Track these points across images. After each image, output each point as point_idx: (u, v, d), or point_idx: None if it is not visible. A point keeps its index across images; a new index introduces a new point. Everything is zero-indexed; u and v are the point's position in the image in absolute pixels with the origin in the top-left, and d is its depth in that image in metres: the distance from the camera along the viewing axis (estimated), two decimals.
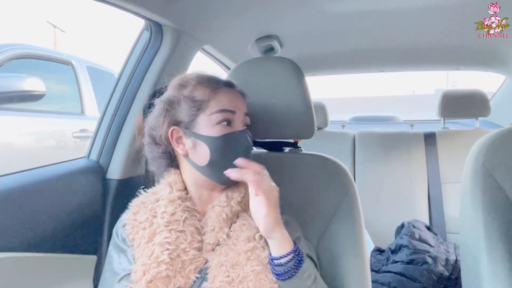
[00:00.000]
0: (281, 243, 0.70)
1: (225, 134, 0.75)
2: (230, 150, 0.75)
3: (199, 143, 0.76)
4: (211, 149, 0.75)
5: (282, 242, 0.70)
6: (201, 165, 0.76)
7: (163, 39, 1.16)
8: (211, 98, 0.77)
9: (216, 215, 0.76)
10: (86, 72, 2.95)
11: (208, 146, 0.75)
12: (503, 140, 0.85)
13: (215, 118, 0.75)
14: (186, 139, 0.77)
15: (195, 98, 0.77)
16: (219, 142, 0.75)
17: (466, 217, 0.86)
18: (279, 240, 0.70)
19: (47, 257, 0.91)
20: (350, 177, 0.99)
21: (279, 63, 1.00)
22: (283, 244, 0.70)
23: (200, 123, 0.76)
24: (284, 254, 0.69)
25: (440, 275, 1.51)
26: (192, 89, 0.78)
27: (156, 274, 0.69)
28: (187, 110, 0.77)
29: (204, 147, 0.75)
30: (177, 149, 0.79)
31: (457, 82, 16.12)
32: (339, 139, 2.35)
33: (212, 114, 0.75)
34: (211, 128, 0.75)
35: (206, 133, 0.75)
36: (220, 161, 0.75)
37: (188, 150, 0.78)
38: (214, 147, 0.75)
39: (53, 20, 11.28)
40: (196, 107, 0.76)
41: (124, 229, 0.78)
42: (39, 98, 2.29)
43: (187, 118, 0.77)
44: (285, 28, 1.52)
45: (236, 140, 0.76)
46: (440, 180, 2.02)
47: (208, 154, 0.75)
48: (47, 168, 1.01)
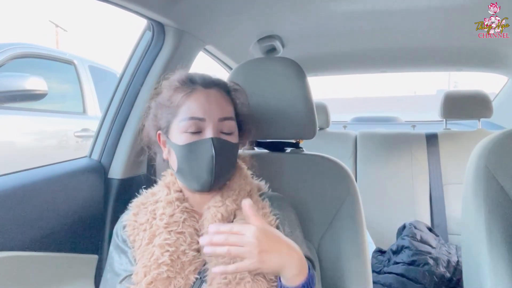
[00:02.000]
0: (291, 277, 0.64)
1: (188, 143, 0.73)
2: (193, 160, 0.74)
3: (171, 150, 0.77)
4: (177, 157, 0.75)
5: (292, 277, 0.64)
6: (175, 170, 0.78)
7: (165, 39, 1.16)
8: (182, 103, 0.75)
9: (211, 216, 0.76)
10: (88, 72, 2.96)
11: (176, 154, 0.76)
12: (506, 142, 0.85)
13: (182, 126, 0.74)
14: (166, 144, 0.79)
15: (172, 103, 0.76)
16: (183, 151, 0.74)
17: (468, 218, 0.86)
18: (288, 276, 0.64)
19: (49, 256, 0.91)
20: (351, 177, 0.99)
21: (281, 63, 1.00)
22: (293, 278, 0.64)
23: (173, 130, 0.76)
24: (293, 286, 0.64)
25: (442, 276, 1.50)
26: (172, 93, 0.77)
27: (157, 275, 0.69)
28: (165, 116, 0.77)
29: (174, 154, 0.76)
30: (163, 152, 0.81)
31: (459, 83, 16.09)
32: (341, 139, 2.35)
33: (181, 121, 0.74)
34: (179, 135, 0.74)
35: (175, 140, 0.75)
36: (186, 170, 0.75)
37: (167, 155, 0.80)
38: (179, 155, 0.75)
39: (55, 19, 11.31)
40: (171, 113, 0.76)
41: (124, 230, 0.79)
42: (41, 98, 2.29)
43: (164, 124, 0.78)
44: (287, 29, 1.52)
45: (198, 149, 0.73)
46: (442, 181, 2.02)
47: (176, 162, 0.76)
48: (49, 168, 1.01)
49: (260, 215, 0.77)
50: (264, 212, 0.79)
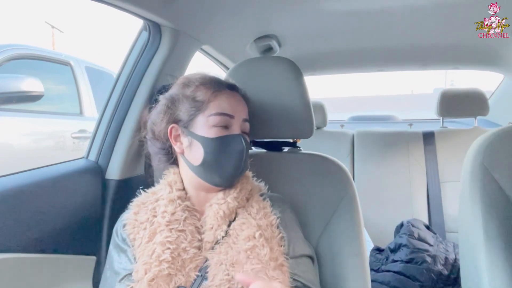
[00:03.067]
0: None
1: (220, 137, 0.76)
2: (224, 153, 0.76)
3: (195, 142, 0.77)
4: (206, 149, 0.76)
5: None
6: (195, 164, 0.78)
7: (162, 39, 1.16)
8: (212, 100, 0.78)
9: (213, 213, 0.76)
10: (85, 73, 2.95)
11: (203, 146, 0.76)
12: (502, 139, 0.85)
13: (212, 120, 0.77)
14: (184, 137, 0.79)
15: (196, 98, 0.78)
16: (214, 143, 0.76)
17: (465, 216, 0.86)
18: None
19: (46, 257, 0.91)
20: (349, 176, 0.99)
21: (277, 62, 1.00)
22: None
23: (198, 124, 0.77)
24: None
25: (439, 274, 1.51)
26: (195, 89, 0.79)
27: (158, 272, 0.70)
28: (187, 109, 0.78)
29: (199, 147, 0.77)
30: (175, 146, 0.81)
31: (455, 81, 16.16)
32: (338, 138, 2.35)
33: (210, 115, 0.77)
34: (207, 129, 0.77)
35: (203, 133, 0.77)
36: (213, 162, 0.76)
37: (184, 148, 0.80)
38: (208, 148, 0.76)
39: (51, 20, 11.26)
40: (196, 107, 0.78)
41: (124, 229, 0.79)
42: (38, 99, 2.28)
43: (186, 117, 0.78)
44: (284, 28, 1.52)
45: (230, 143, 0.77)
46: (439, 179, 2.03)
47: (202, 155, 0.76)
48: (46, 169, 1.00)
49: (262, 214, 0.78)
50: (265, 212, 0.80)
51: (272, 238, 0.76)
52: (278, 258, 0.73)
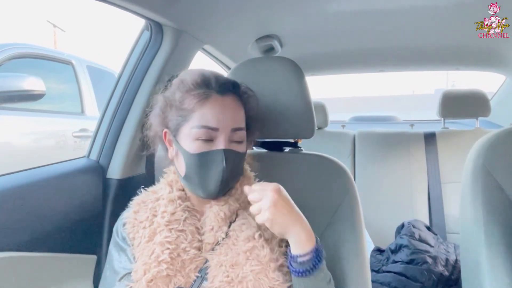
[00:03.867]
0: (298, 242, 0.69)
1: (200, 153, 0.72)
2: (204, 169, 0.73)
3: (179, 154, 0.76)
4: (187, 164, 0.74)
5: (300, 242, 0.69)
6: (181, 175, 0.77)
7: (163, 39, 1.16)
8: (196, 109, 0.73)
9: (214, 215, 0.76)
10: (86, 72, 2.95)
11: (185, 160, 0.74)
12: (503, 140, 0.85)
13: (194, 133, 0.72)
14: (173, 145, 0.78)
15: (183, 106, 0.74)
16: (194, 159, 0.73)
17: (466, 217, 0.86)
18: (296, 240, 0.69)
19: (47, 256, 0.91)
20: (350, 177, 0.99)
21: (279, 63, 1.00)
22: (301, 244, 0.69)
23: (183, 134, 0.75)
24: (302, 254, 0.68)
25: (440, 275, 1.51)
26: (183, 94, 0.75)
27: (157, 273, 0.69)
28: (175, 117, 0.76)
29: (182, 160, 0.75)
30: (169, 150, 0.80)
31: (456, 82, 16.13)
32: (339, 139, 2.35)
33: (193, 128, 0.72)
34: (190, 142, 0.73)
35: (185, 146, 0.74)
36: (194, 178, 0.74)
37: (174, 156, 0.79)
38: (189, 163, 0.74)
39: (53, 19, 11.27)
40: (182, 116, 0.74)
41: (124, 228, 0.79)
42: (39, 98, 2.29)
43: (173, 125, 0.76)
44: (286, 28, 1.52)
45: (210, 160, 0.73)
46: (440, 180, 2.02)
47: (184, 168, 0.75)
48: (47, 168, 1.01)
49: None
50: None
51: (272, 239, 0.75)
52: (278, 259, 0.73)
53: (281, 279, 0.71)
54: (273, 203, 0.66)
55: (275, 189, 0.68)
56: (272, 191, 0.68)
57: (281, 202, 0.68)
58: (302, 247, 0.68)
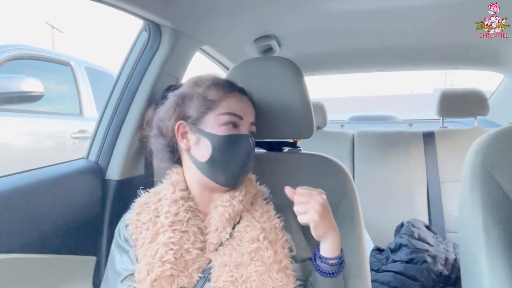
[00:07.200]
0: (333, 246, 0.74)
1: (230, 135, 0.78)
2: (231, 151, 0.77)
3: (203, 139, 0.78)
4: (214, 146, 0.77)
5: (333, 246, 0.74)
6: (201, 161, 0.78)
7: (162, 40, 1.16)
8: (223, 99, 0.80)
9: (219, 215, 0.77)
10: (85, 73, 2.95)
11: (211, 143, 0.77)
12: (502, 139, 0.85)
13: (222, 119, 0.78)
14: (191, 134, 0.80)
15: (207, 97, 0.79)
16: (223, 140, 0.77)
17: (465, 216, 0.86)
18: (331, 244, 0.74)
19: (47, 258, 0.91)
20: (349, 176, 0.99)
21: (277, 63, 1.00)
22: (335, 248, 0.74)
23: (208, 121, 0.79)
24: (333, 257, 0.74)
25: (440, 274, 1.51)
26: (206, 88, 0.81)
27: (161, 273, 0.70)
28: (197, 107, 0.79)
29: (207, 143, 0.78)
30: (181, 143, 0.81)
31: (454, 81, 16.15)
32: (338, 138, 2.35)
33: (220, 114, 0.78)
34: (217, 127, 0.78)
35: (212, 131, 0.78)
36: (220, 160, 0.77)
37: (191, 145, 0.80)
38: (217, 145, 0.77)
39: (51, 20, 11.24)
40: (207, 106, 0.79)
41: (127, 229, 0.79)
42: (38, 99, 2.29)
43: (195, 115, 0.79)
44: (284, 28, 1.52)
45: (238, 142, 0.78)
46: (439, 179, 2.03)
47: (210, 151, 0.77)
48: (46, 169, 1.00)
49: (265, 218, 0.78)
50: (269, 215, 0.80)
51: (276, 241, 0.76)
52: (282, 261, 0.74)
53: (284, 281, 0.71)
54: (321, 206, 0.70)
55: (323, 194, 0.73)
56: (320, 195, 0.72)
57: (327, 208, 0.73)
58: (335, 251, 0.74)
